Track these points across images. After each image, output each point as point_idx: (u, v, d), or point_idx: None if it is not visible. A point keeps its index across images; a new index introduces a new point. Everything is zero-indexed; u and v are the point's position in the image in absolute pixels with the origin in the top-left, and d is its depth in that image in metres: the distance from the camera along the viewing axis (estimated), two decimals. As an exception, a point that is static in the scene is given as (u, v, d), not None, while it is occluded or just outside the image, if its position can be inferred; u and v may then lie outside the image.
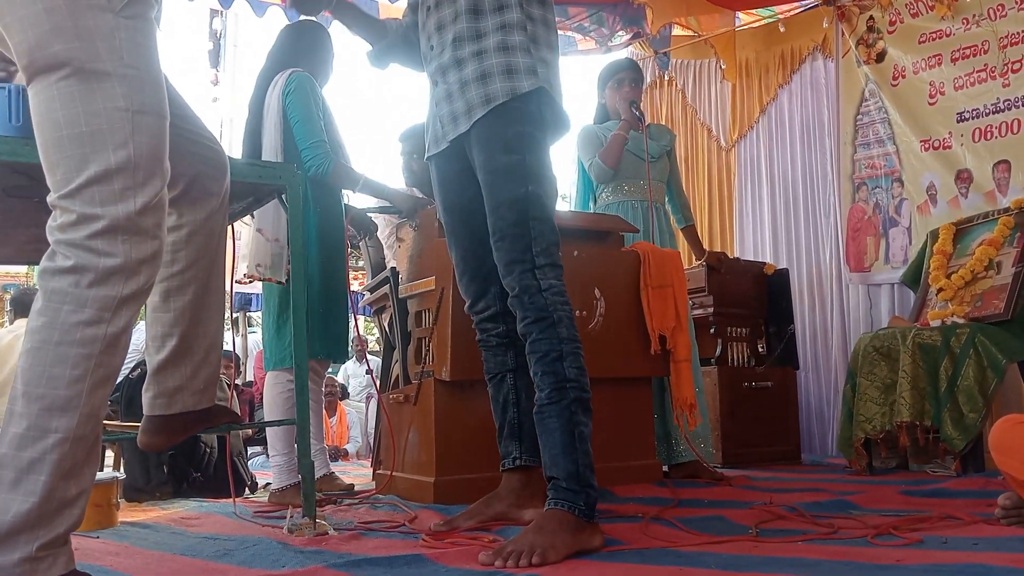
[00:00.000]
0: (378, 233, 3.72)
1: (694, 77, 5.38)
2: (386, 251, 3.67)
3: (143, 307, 1.75)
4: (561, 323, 1.88)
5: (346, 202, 3.13)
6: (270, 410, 2.93)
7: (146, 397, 1.77)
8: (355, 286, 4.17)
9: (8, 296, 5.08)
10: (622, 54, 5.08)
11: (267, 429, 2.99)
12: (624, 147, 3.33)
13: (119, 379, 3.67)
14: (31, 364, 1.27)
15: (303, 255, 2.25)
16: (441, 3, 2.06)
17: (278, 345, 2.90)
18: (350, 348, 8.68)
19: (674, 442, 3.18)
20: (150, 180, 1.36)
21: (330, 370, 6.97)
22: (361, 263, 4.05)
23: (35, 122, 1.34)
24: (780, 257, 4.87)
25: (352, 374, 8.25)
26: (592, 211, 3.46)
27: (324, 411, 5.83)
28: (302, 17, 3.28)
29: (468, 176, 2.06)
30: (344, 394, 7.56)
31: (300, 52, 3.00)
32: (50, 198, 1.33)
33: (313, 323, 2.78)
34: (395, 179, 3.81)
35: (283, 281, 2.82)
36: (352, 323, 3.35)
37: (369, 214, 3.49)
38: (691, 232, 3.73)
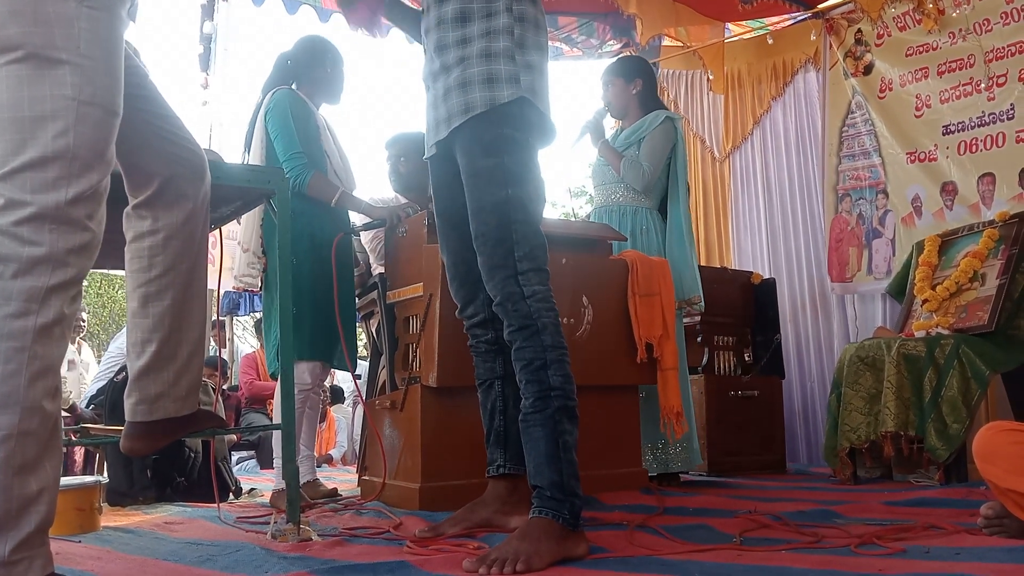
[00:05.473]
0: (363, 241, 3.70)
1: (686, 88, 5.39)
2: (371, 258, 3.65)
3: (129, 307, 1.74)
4: (546, 330, 1.85)
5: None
6: (276, 410, 2.94)
7: (128, 403, 1.74)
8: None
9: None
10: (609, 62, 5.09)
11: (272, 431, 3.02)
12: (610, 159, 3.44)
13: (103, 383, 3.66)
14: None
15: (288, 260, 2.24)
16: (431, 7, 2.05)
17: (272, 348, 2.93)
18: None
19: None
20: (86, 172, 1.33)
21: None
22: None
23: None
24: (779, 267, 4.87)
25: (345, 378, 8.21)
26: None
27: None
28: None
29: (459, 182, 2.03)
30: (337, 398, 7.49)
31: (295, 69, 3.08)
32: None
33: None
34: (383, 186, 3.80)
35: (257, 289, 2.95)
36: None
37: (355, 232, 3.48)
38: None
